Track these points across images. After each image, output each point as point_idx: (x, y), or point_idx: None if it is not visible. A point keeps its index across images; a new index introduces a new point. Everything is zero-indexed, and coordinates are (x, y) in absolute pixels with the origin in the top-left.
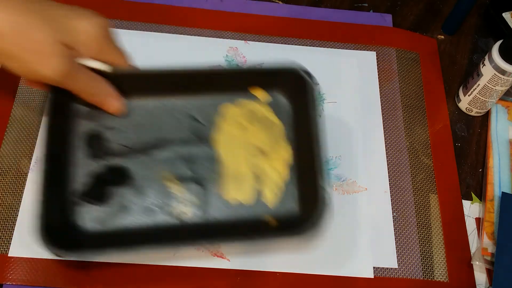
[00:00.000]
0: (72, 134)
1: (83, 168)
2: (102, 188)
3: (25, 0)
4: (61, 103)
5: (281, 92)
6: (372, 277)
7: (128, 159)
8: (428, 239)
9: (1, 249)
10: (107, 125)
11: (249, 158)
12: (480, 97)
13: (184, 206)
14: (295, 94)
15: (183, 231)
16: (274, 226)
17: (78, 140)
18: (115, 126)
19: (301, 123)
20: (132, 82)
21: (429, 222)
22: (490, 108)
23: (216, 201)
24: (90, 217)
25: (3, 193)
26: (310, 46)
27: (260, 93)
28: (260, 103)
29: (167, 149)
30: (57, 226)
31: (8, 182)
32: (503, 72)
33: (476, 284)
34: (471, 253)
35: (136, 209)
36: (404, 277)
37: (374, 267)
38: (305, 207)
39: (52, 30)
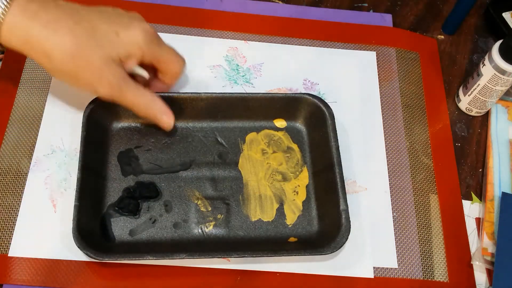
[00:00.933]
0: (105, 150)
1: (115, 183)
2: (132, 201)
3: (74, 19)
4: (97, 121)
5: (300, 121)
6: (372, 277)
7: (158, 177)
8: (428, 239)
9: (1, 249)
10: (139, 145)
11: (271, 181)
12: (480, 97)
13: (209, 221)
14: (314, 123)
15: (207, 244)
16: (293, 243)
17: (111, 157)
18: (147, 146)
19: (320, 149)
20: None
21: (429, 222)
22: (490, 108)
23: (238, 218)
24: (121, 226)
25: (3, 193)
26: (310, 46)
27: (281, 122)
28: (280, 131)
29: (194, 170)
30: (89, 231)
31: (8, 182)
32: (503, 72)
33: (476, 284)
34: (471, 253)
35: (163, 222)
36: (404, 277)
37: (374, 267)
38: (324, 227)
39: (101, 48)
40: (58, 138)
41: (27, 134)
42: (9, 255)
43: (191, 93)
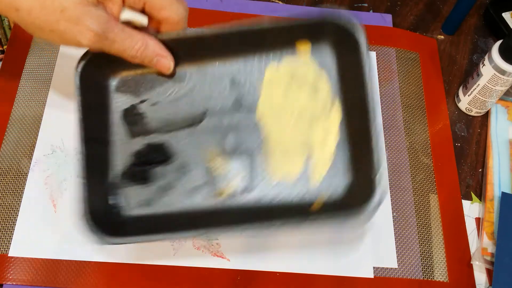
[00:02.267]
0: (107, 111)
1: (122, 147)
2: (143, 167)
3: None
4: (92, 79)
5: (329, 48)
6: (372, 277)
7: (168, 135)
8: (428, 239)
9: (1, 249)
10: (144, 99)
11: (296, 127)
12: (480, 97)
13: (228, 182)
14: (344, 50)
15: (225, 213)
16: (318, 208)
17: (115, 118)
18: (153, 99)
19: (352, 84)
20: (168, 48)
21: (429, 222)
22: (490, 108)
23: (259, 179)
24: (133, 198)
25: (3, 193)
26: None
27: (306, 48)
28: (305, 60)
29: (209, 121)
30: (100, 210)
31: (8, 182)
32: (503, 72)
33: (476, 284)
34: (471, 253)
35: (179, 189)
36: (404, 277)
37: (374, 267)
38: (354, 189)
39: None
40: (58, 138)
41: (27, 134)
42: (9, 255)
43: (193, 31)
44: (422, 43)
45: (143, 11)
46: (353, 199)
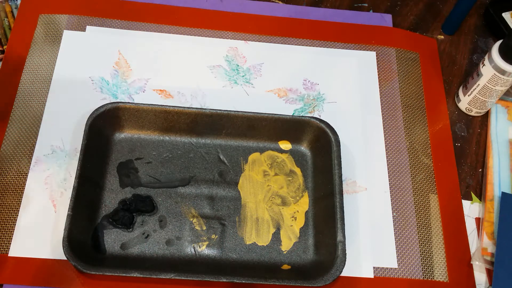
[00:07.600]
0: (106, 160)
1: (112, 193)
2: (127, 214)
3: None
4: (99, 130)
5: (305, 145)
6: (372, 277)
7: (155, 191)
8: (428, 239)
9: (1, 249)
10: (140, 157)
11: (270, 204)
12: (480, 97)
13: (202, 241)
14: (319, 148)
15: (198, 264)
16: (286, 270)
17: (111, 167)
18: (148, 159)
19: (323, 175)
20: (168, 118)
21: (429, 222)
22: (490, 108)
23: (233, 240)
24: (113, 239)
25: (3, 193)
26: (310, 46)
27: (285, 144)
28: (284, 153)
29: (193, 186)
30: (80, 242)
31: (8, 182)
32: (503, 72)
33: (476, 284)
34: (471, 253)
35: (156, 238)
36: (404, 277)
37: (374, 267)
38: (319, 256)
39: None
40: (58, 138)
41: (27, 134)
42: (9, 255)
43: (196, 108)
44: (422, 43)
45: None
46: (315, 270)
